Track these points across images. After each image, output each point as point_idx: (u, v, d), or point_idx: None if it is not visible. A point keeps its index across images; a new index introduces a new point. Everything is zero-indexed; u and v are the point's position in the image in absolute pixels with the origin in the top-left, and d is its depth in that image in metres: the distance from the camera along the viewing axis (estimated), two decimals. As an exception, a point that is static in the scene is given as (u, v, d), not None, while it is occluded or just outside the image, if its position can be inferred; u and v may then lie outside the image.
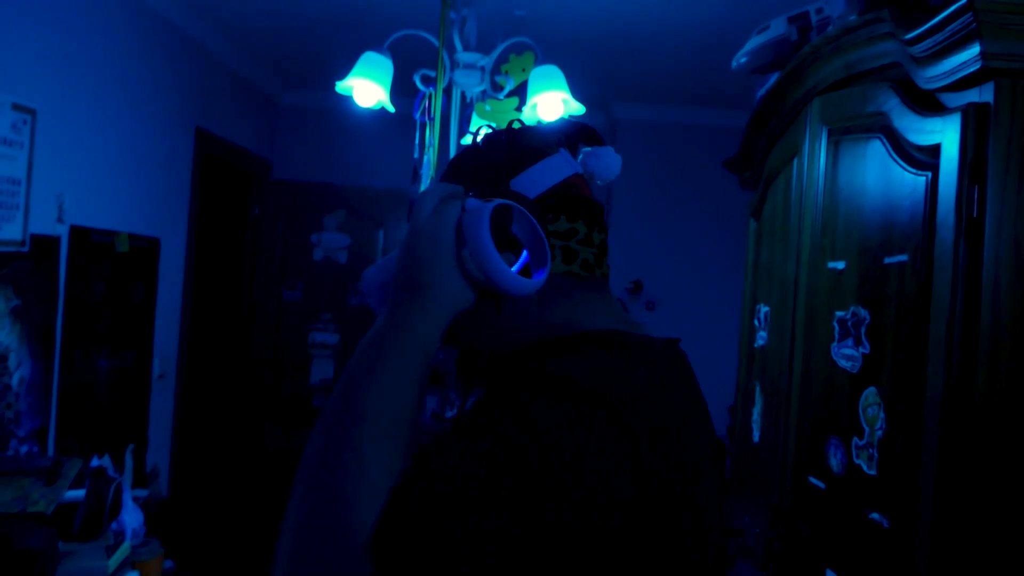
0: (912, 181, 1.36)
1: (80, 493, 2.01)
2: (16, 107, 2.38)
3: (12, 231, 2.38)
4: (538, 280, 0.79)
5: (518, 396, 0.71)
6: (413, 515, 0.62)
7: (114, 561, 1.88)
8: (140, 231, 3.21)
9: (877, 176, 1.49)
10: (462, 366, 0.96)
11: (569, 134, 0.96)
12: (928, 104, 1.36)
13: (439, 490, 0.63)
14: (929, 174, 1.32)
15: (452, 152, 2.45)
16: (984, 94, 1.23)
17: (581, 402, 0.70)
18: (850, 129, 1.61)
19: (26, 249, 2.44)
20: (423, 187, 2.36)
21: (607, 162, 0.96)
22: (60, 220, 2.65)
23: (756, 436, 2.05)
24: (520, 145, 0.90)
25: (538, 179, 0.87)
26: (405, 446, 0.68)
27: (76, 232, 2.74)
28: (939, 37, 1.25)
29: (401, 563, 0.62)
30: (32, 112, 2.45)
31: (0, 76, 2.33)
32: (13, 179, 2.38)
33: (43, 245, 2.54)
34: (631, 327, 0.90)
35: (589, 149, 0.96)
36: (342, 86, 2.32)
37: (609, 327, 0.86)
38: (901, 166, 1.40)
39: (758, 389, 2.06)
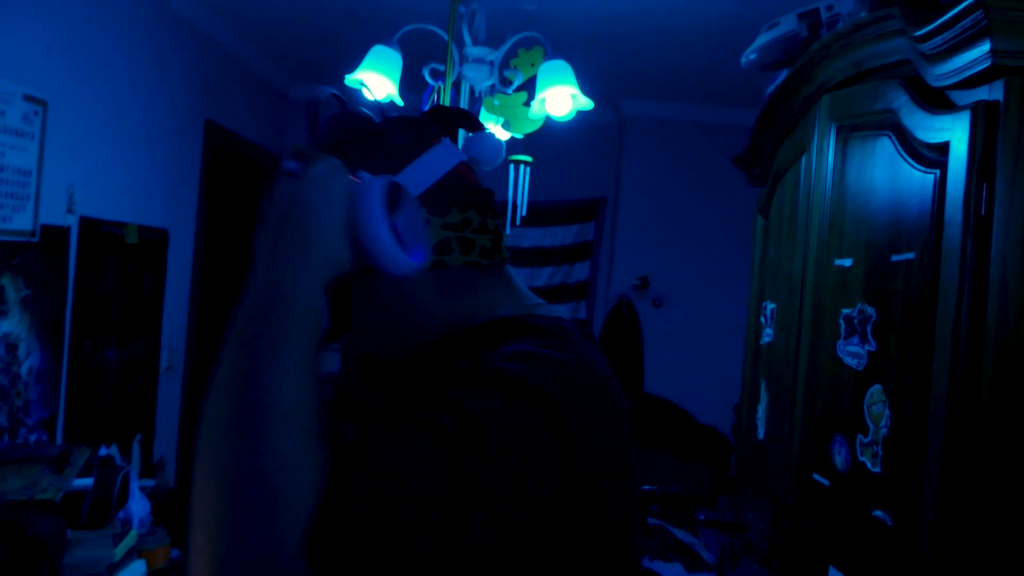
0: (920, 179, 1.36)
1: (88, 482, 2.02)
2: (27, 98, 2.39)
3: (22, 221, 2.40)
4: (417, 263, 0.77)
5: (451, 390, 0.70)
6: (355, 514, 0.61)
7: (121, 549, 1.89)
8: (149, 223, 3.22)
9: (885, 173, 1.49)
10: (363, 368, 0.95)
11: (448, 121, 0.94)
12: (937, 102, 1.36)
13: (380, 487, 0.62)
14: (937, 172, 1.31)
15: (460, 146, 2.45)
16: (994, 92, 1.22)
17: (518, 397, 0.69)
18: (859, 126, 1.61)
19: (36, 240, 2.46)
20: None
21: (489, 147, 0.94)
22: (70, 211, 2.67)
23: (761, 433, 2.05)
24: (401, 138, 0.87)
25: (424, 172, 0.85)
26: (320, 435, 0.65)
27: (86, 223, 2.75)
28: (949, 34, 1.25)
29: (343, 563, 0.60)
30: (43, 103, 2.46)
31: (12, 67, 2.34)
32: (24, 170, 2.40)
33: (53, 236, 2.55)
34: (539, 310, 0.89)
35: (470, 135, 0.94)
36: (351, 79, 2.32)
37: (518, 313, 0.87)
38: (910, 163, 1.40)
39: (763, 386, 2.06)
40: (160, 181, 3.35)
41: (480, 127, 0.96)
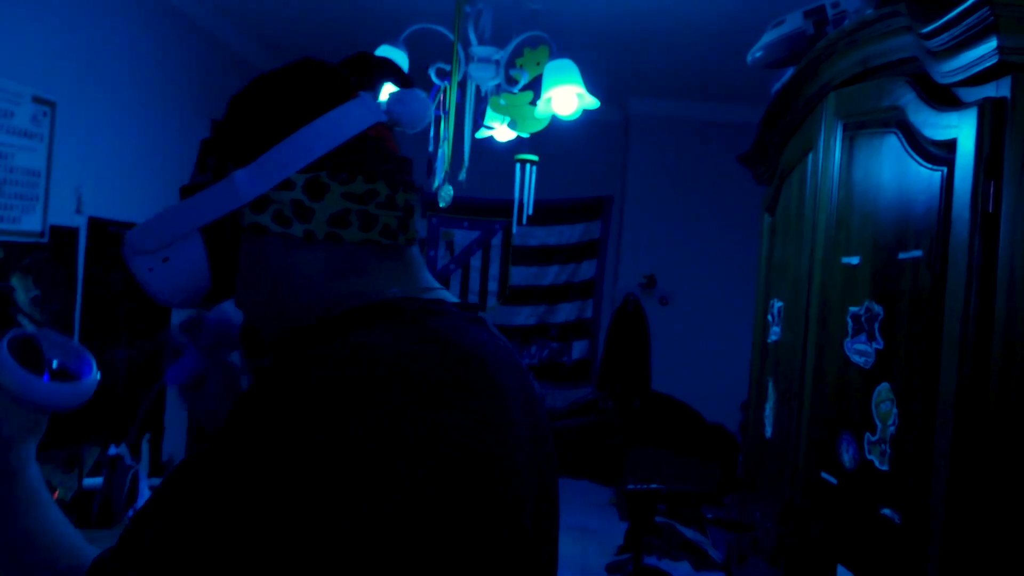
0: (928, 176, 1.36)
1: (98, 481, 2.04)
2: (36, 100, 2.40)
3: (32, 222, 2.41)
4: (84, 384, 0.80)
5: (313, 370, 0.66)
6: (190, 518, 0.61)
7: (131, 548, 1.90)
8: (157, 223, 3.23)
9: (892, 171, 1.48)
10: (246, 340, 0.91)
11: (370, 73, 0.84)
12: (944, 99, 1.35)
13: (236, 474, 0.61)
14: (945, 169, 1.31)
15: (467, 145, 2.46)
16: (1001, 88, 1.22)
17: (382, 382, 0.65)
18: (865, 124, 1.60)
19: (45, 240, 2.47)
20: (437, 181, 2.37)
21: (414, 108, 0.82)
22: (78, 212, 2.68)
23: (768, 431, 2.05)
24: (310, 86, 0.78)
25: (331, 130, 0.75)
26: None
27: (94, 224, 2.76)
28: (956, 31, 1.25)
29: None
30: (52, 105, 2.47)
31: (21, 69, 2.35)
32: (33, 171, 2.41)
33: (62, 236, 2.57)
34: (425, 295, 0.80)
35: (395, 92, 0.83)
36: (357, 79, 2.32)
37: (405, 296, 0.78)
38: (917, 161, 1.40)
39: (771, 384, 2.06)
40: (167, 182, 3.36)
41: (409, 83, 0.85)
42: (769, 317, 2.11)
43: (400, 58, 2.33)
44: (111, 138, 2.90)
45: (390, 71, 0.85)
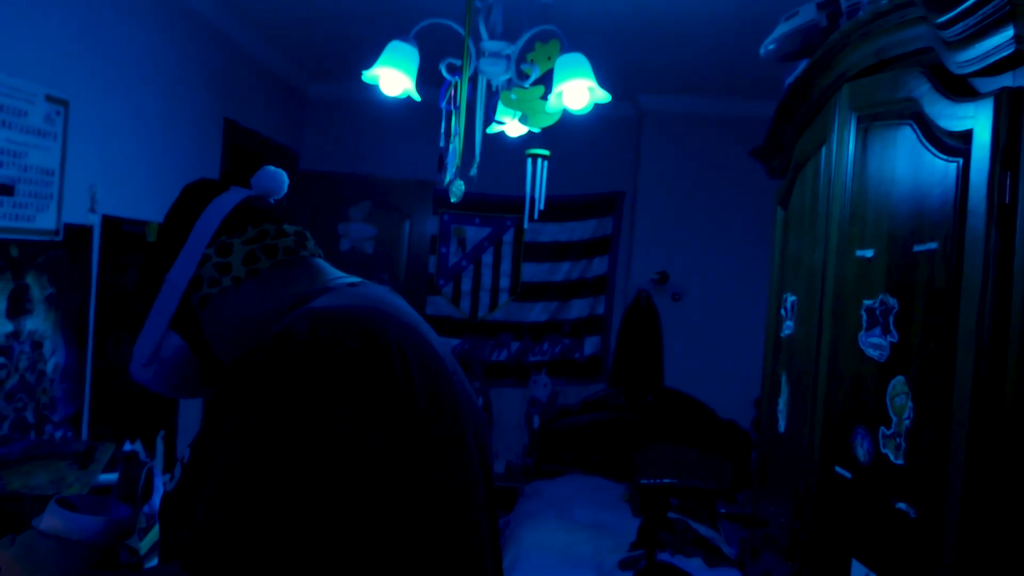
0: (943, 168, 1.35)
1: (113, 477, 2.05)
2: (49, 98, 2.42)
3: (46, 221, 2.43)
4: (115, 518, 1.04)
5: (273, 337, 0.86)
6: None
7: (146, 543, 1.91)
8: (170, 221, 3.24)
9: (907, 163, 1.47)
10: (206, 376, 1.11)
11: (243, 172, 1.17)
12: (960, 89, 1.34)
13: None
14: (960, 160, 1.30)
15: (478, 140, 2.45)
16: (1018, 78, 1.20)
17: (326, 325, 0.86)
18: (880, 116, 1.59)
19: (60, 239, 2.49)
20: (448, 176, 2.37)
21: (269, 178, 1.16)
22: (92, 210, 2.69)
23: (782, 426, 2.04)
24: (195, 202, 1.08)
25: (213, 215, 1.05)
26: None
27: (108, 222, 2.78)
28: (971, 21, 1.23)
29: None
30: (65, 103, 2.49)
31: (34, 68, 2.37)
32: (47, 169, 2.43)
33: (76, 235, 2.58)
34: (337, 281, 1.04)
35: (257, 172, 1.16)
36: (368, 75, 2.33)
37: (323, 286, 1.02)
38: (932, 152, 1.38)
39: (784, 379, 2.05)
40: (180, 179, 3.36)
41: (261, 165, 1.19)
42: (782, 311, 2.10)
43: (411, 54, 2.32)
44: (124, 137, 2.92)
45: (254, 165, 1.19)
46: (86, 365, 2.67)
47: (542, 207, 2.64)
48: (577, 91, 2.26)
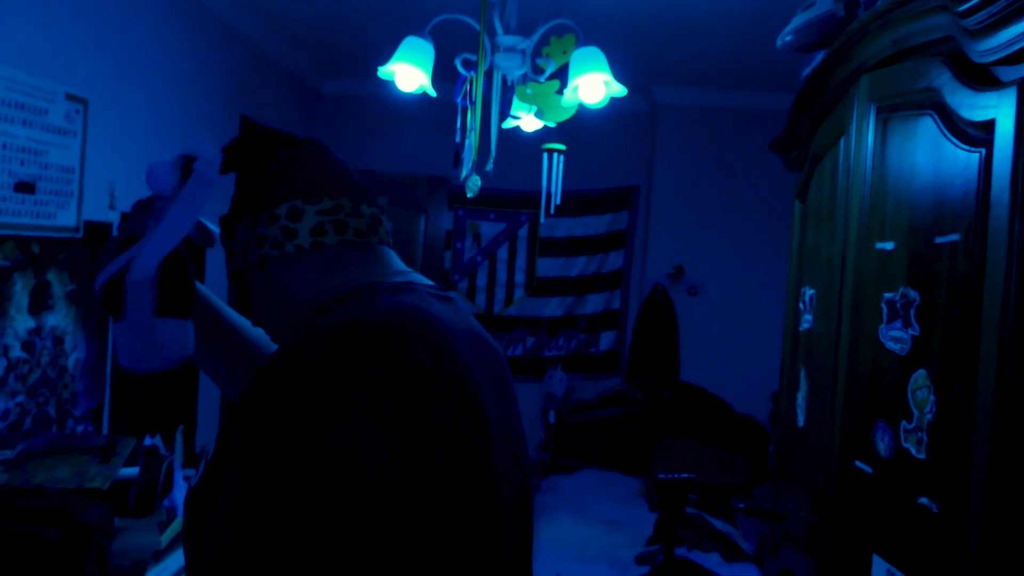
0: (965, 158, 1.33)
1: (134, 471, 2.07)
2: (69, 97, 2.44)
3: (67, 218, 2.45)
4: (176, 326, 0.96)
5: (307, 339, 0.83)
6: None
7: (166, 537, 1.93)
8: (188, 218, 3.26)
9: (928, 154, 1.46)
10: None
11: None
12: (982, 78, 1.32)
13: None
14: (983, 150, 1.28)
15: (493, 135, 2.45)
16: (1041, 67, 1.19)
17: (358, 340, 0.82)
18: (899, 106, 1.57)
19: (80, 235, 2.51)
20: (464, 172, 2.37)
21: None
22: (112, 207, 2.72)
23: (801, 420, 2.03)
24: (268, 150, 1.01)
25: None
26: None
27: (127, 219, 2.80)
28: (993, 8, 1.22)
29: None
30: (84, 102, 2.51)
31: (54, 67, 2.39)
32: (67, 167, 2.45)
33: (96, 231, 2.60)
34: (395, 278, 0.98)
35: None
36: (384, 71, 2.33)
37: (379, 281, 0.96)
38: (953, 143, 1.37)
39: (803, 373, 2.04)
40: (198, 176, 3.39)
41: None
42: (801, 305, 2.09)
43: (426, 49, 2.33)
44: (142, 134, 2.94)
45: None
46: (107, 361, 2.70)
47: (558, 202, 2.63)
48: (593, 85, 2.25)
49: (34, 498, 1.70)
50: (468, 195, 2.37)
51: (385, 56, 2.36)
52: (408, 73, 2.32)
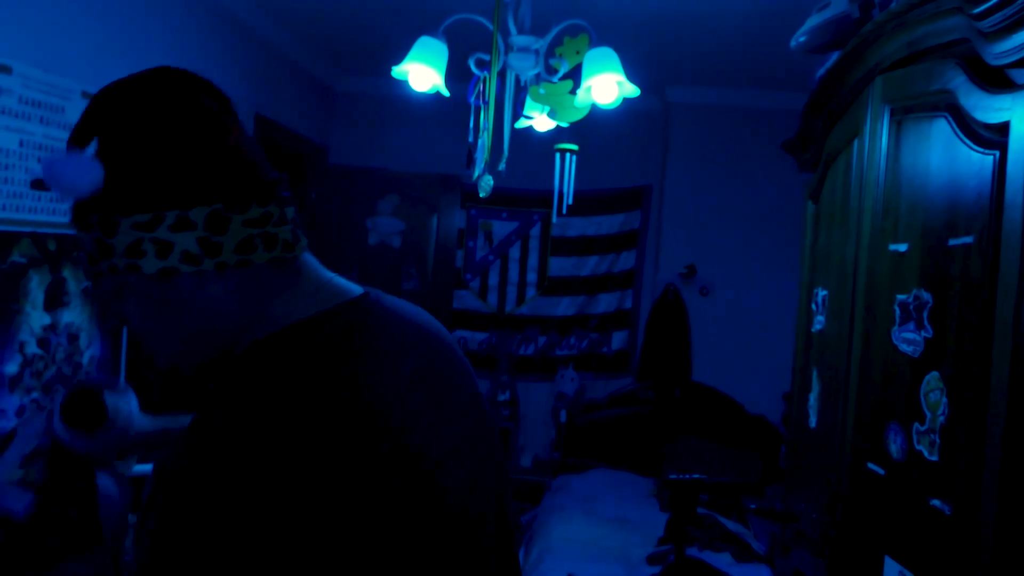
0: (979, 160, 1.33)
1: (148, 468, 2.08)
2: (86, 95, 2.46)
3: (82, 215, 2.48)
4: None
5: (235, 423, 0.72)
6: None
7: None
8: (202, 216, 3.29)
9: (942, 156, 1.45)
10: (166, 381, 0.98)
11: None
12: (997, 81, 1.32)
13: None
14: (997, 153, 1.28)
15: (506, 135, 2.46)
16: (1057, 69, 1.19)
17: (289, 416, 0.72)
18: (913, 108, 1.57)
19: (95, 233, 2.54)
20: (477, 171, 2.37)
21: None
22: (127, 205, 2.74)
23: (813, 421, 2.03)
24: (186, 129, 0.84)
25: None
26: None
27: (142, 217, 2.83)
28: (1009, 11, 1.21)
29: None
30: (100, 100, 2.53)
31: (70, 64, 2.41)
32: (83, 165, 2.47)
33: (111, 229, 2.63)
34: (331, 302, 0.85)
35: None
36: (398, 71, 2.34)
37: (308, 315, 0.82)
38: (967, 145, 1.37)
39: (815, 374, 2.03)
40: (212, 175, 3.42)
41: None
42: (813, 306, 2.09)
43: (440, 49, 2.33)
44: (157, 133, 2.97)
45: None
46: (121, 357, 2.72)
47: (570, 202, 2.64)
48: (606, 85, 2.26)
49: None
50: (481, 195, 2.37)
51: (399, 55, 2.37)
52: (422, 73, 2.32)
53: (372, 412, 0.76)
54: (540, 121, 2.60)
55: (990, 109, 1.30)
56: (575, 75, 2.32)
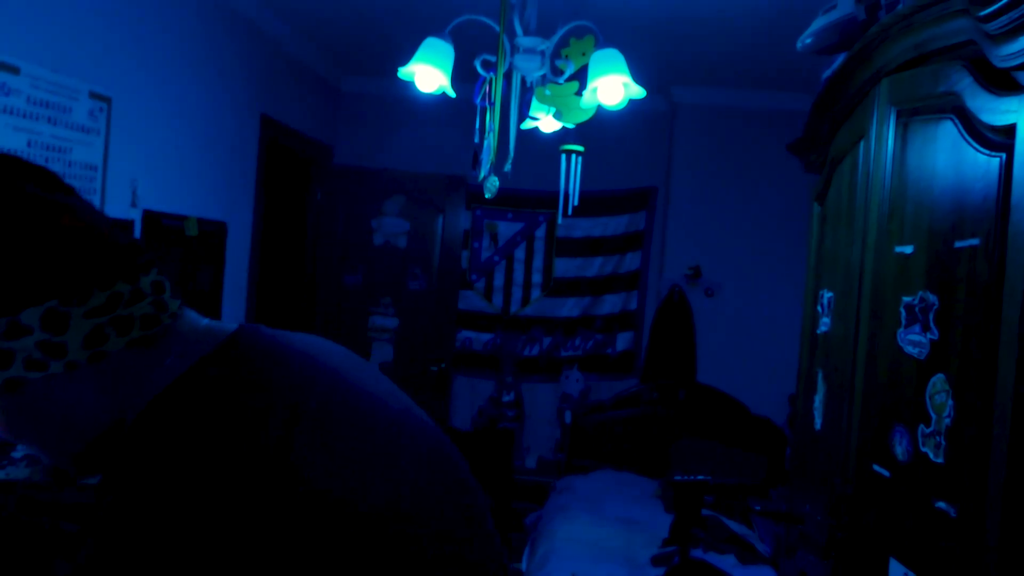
0: (985, 162, 1.33)
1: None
2: (93, 95, 2.47)
3: (90, 215, 2.49)
4: None
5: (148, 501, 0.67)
6: None
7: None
8: (208, 215, 3.30)
9: (948, 158, 1.45)
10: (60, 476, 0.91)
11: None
12: (1003, 83, 1.32)
13: None
14: (1003, 155, 1.28)
15: (512, 136, 2.46)
16: (1064, 72, 1.18)
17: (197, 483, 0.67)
18: (920, 110, 1.57)
19: (103, 233, 2.55)
20: (483, 172, 2.38)
21: None
22: (134, 205, 2.75)
23: (818, 423, 2.02)
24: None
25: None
26: None
27: (148, 216, 2.84)
28: (1015, 13, 1.21)
29: None
30: (108, 100, 2.54)
31: (78, 65, 2.42)
32: (90, 165, 2.48)
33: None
34: (212, 357, 0.78)
35: None
36: (404, 71, 2.34)
37: (191, 376, 0.76)
38: (973, 147, 1.37)
39: (820, 376, 2.03)
40: (218, 175, 3.43)
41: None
42: (819, 308, 2.08)
43: (446, 50, 2.34)
44: (164, 133, 2.98)
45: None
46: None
47: (576, 203, 2.64)
48: (612, 87, 2.26)
49: (54, 492, 1.73)
50: (486, 196, 2.38)
51: (406, 56, 2.37)
52: (428, 74, 2.33)
53: (282, 462, 0.71)
54: (546, 122, 2.60)
55: (996, 111, 1.30)
56: (581, 76, 2.32)
